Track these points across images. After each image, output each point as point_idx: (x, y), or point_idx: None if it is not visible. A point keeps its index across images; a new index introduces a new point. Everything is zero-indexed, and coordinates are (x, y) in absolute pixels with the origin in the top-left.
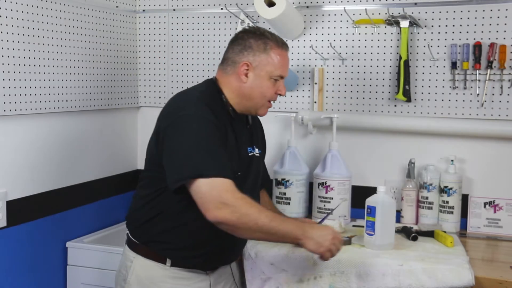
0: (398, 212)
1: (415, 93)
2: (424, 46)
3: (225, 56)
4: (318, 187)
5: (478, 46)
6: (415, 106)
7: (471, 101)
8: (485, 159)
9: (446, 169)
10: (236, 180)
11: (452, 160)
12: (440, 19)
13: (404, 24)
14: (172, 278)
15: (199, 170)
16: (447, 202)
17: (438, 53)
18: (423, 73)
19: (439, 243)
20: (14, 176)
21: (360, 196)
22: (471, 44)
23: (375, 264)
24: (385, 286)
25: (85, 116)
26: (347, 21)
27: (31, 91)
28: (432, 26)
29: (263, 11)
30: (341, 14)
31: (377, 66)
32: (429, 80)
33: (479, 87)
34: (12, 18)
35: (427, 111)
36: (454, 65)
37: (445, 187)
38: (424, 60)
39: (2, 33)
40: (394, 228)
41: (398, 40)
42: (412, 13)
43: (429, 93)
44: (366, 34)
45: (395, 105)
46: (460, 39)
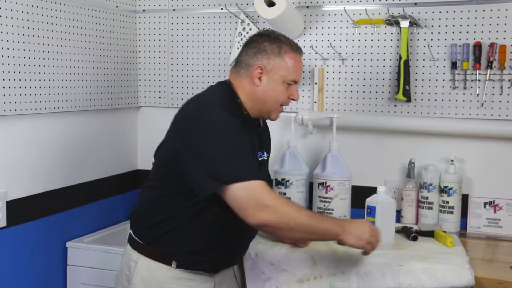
0: (398, 212)
1: (415, 93)
2: (424, 46)
3: (238, 58)
4: (318, 187)
5: (478, 46)
6: (415, 106)
7: (471, 101)
8: (485, 159)
9: (446, 169)
10: None
11: (452, 160)
12: (440, 19)
13: (404, 24)
14: (177, 279)
15: (235, 174)
16: (447, 202)
17: (438, 53)
18: (423, 73)
19: (439, 243)
20: (14, 176)
21: (360, 196)
22: (471, 44)
23: (375, 264)
24: (385, 286)
25: (85, 116)
26: (347, 21)
27: (31, 91)
28: (432, 26)
29: (263, 11)
30: (341, 14)
31: (377, 66)
32: (429, 80)
33: (479, 87)
34: (12, 18)
35: (427, 111)
36: (454, 65)
37: (445, 187)
38: (424, 60)
39: (2, 33)
40: (394, 228)
41: (398, 40)
42: (412, 13)
43: (429, 93)
44: (366, 34)
45: (395, 105)
46: (460, 39)
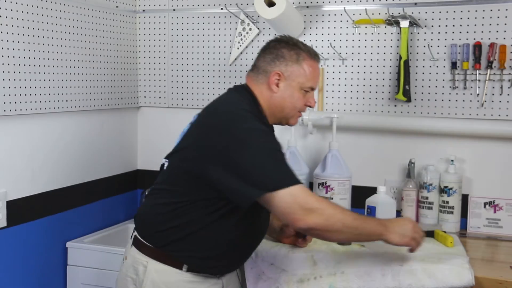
0: (398, 212)
1: (415, 93)
2: (424, 46)
3: (255, 63)
4: (318, 187)
5: (478, 46)
6: (415, 106)
7: (471, 101)
8: (485, 159)
9: (446, 169)
10: None
11: (452, 160)
12: (440, 19)
13: (404, 24)
14: (188, 282)
15: (280, 181)
16: (447, 202)
17: (438, 53)
18: (423, 73)
19: (439, 243)
20: (14, 176)
21: (360, 196)
22: (471, 44)
23: (375, 264)
24: (385, 286)
25: (85, 116)
26: (347, 21)
27: (31, 91)
28: (432, 26)
29: (263, 11)
30: (341, 14)
31: (377, 66)
32: (429, 80)
33: (479, 87)
34: (12, 18)
35: (427, 111)
36: (454, 65)
37: (445, 187)
38: (424, 60)
39: (2, 33)
40: None
41: (398, 40)
42: (412, 13)
43: (429, 93)
44: (366, 34)
45: (395, 105)
46: (460, 39)
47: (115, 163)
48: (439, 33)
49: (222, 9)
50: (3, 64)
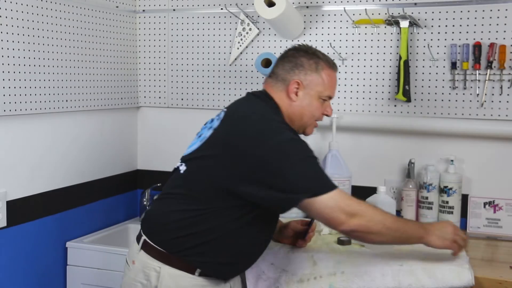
0: (398, 212)
1: (415, 93)
2: (424, 46)
3: (274, 71)
4: None
5: (478, 46)
6: (415, 106)
7: (471, 101)
8: (485, 159)
9: (446, 169)
10: None
11: (452, 160)
12: (440, 19)
13: (404, 24)
14: (200, 286)
15: (321, 187)
16: (447, 202)
17: (438, 53)
18: (423, 73)
19: None
20: (14, 176)
21: (360, 196)
22: (471, 44)
23: (375, 264)
24: (385, 286)
25: (85, 116)
26: (347, 21)
27: (31, 91)
28: (432, 26)
29: (263, 11)
30: (341, 14)
31: (377, 66)
32: (429, 80)
33: (479, 87)
34: (12, 18)
35: (427, 111)
36: (454, 65)
37: (445, 187)
38: (424, 60)
39: (2, 33)
40: None
41: (398, 40)
42: (412, 13)
43: (429, 93)
44: (366, 34)
45: (395, 105)
46: (460, 39)
47: (115, 163)
48: (439, 33)
49: (222, 9)
50: (3, 64)
